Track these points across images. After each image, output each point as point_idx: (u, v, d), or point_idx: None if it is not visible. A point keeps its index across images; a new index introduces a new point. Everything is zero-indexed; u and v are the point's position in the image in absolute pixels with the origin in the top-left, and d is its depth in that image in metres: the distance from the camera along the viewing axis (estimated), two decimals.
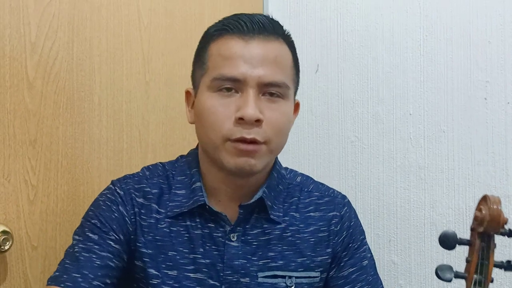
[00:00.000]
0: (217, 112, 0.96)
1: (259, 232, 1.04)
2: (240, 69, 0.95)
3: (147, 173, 1.07)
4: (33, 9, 1.11)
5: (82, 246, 0.97)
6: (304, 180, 1.14)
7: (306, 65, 1.54)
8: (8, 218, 1.08)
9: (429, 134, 1.33)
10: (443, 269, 0.72)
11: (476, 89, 1.27)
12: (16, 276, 1.09)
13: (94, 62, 1.22)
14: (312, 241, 1.07)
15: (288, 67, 1.02)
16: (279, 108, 0.98)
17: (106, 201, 1.02)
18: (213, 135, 0.96)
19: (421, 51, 1.35)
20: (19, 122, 1.09)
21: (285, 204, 1.07)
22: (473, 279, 0.72)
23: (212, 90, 0.97)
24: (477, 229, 0.73)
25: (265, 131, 0.96)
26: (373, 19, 1.43)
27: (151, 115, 1.34)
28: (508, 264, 0.73)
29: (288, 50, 1.03)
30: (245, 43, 0.97)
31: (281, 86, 0.98)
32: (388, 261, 1.40)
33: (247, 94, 0.95)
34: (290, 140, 1.57)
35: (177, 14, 1.39)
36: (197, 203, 1.01)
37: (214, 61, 0.99)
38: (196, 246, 1.01)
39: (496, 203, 0.70)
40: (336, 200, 1.12)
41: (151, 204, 1.03)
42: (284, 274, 1.03)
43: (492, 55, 1.25)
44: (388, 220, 1.40)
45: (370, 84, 1.43)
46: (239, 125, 0.95)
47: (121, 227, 1.00)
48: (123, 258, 0.99)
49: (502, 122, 1.23)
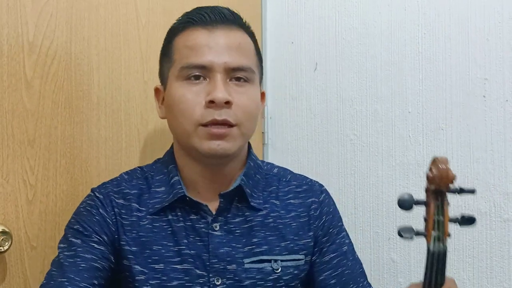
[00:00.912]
0: (187, 100, 1.00)
1: (241, 221, 1.06)
2: (207, 57, 1.00)
3: (126, 177, 1.10)
4: (30, 8, 1.11)
5: (66, 253, 0.99)
6: (282, 171, 1.17)
7: (305, 63, 1.54)
8: (7, 218, 1.08)
9: (428, 132, 1.33)
10: (404, 229, 0.78)
11: (475, 86, 1.27)
12: (15, 276, 1.09)
13: (92, 62, 1.22)
14: (294, 225, 1.09)
15: (252, 54, 1.07)
16: (247, 92, 1.03)
17: (86, 207, 1.05)
18: (185, 122, 1.00)
19: (419, 49, 1.35)
20: (17, 122, 1.09)
21: (265, 193, 1.10)
22: (432, 235, 0.78)
23: (181, 79, 1.02)
24: (430, 188, 0.80)
25: (236, 114, 1.00)
26: (371, 17, 1.43)
27: (150, 114, 1.33)
28: (463, 218, 0.80)
29: (250, 40, 1.08)
30: (209, 32, 1.02)
31: (247, 70, 1.03)
32: (388, 259, 1.40)
33: (215, 79, 1.00)
34: (289, 138, 1.57)
35: (175, 13, 1.39)
36: (177, 195, 1.03)
37: (180, 52, 1.03)
38: (179, 238, 1.03)
39: (444, 162, 0.77)
40: (314, 187, 1.16)
41: (131, 204, 1.05)
42: (269, 258, 1.06)
43: (491, 53, 1.25)
44: (387, 218, 1.40)
45: (368, 82, 1.43)
46: (210, 109, 0.99)
47: (103, 228, 1.02)
48: (109, 259, 1.01)
49: (500, 119, 1.23)
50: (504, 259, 1.23)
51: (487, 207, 1.24)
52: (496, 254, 1.24)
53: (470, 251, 1.27)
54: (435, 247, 0.78)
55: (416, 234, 0.79)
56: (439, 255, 0.78)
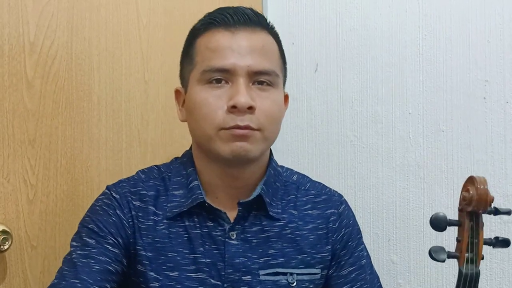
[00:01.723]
0: (209, 104, 0.96)
1: (258, 230, 1.03)
2: (229, 60, 0.96)
3: (143, 176, 1.07)
4: (32, 8, 1.11)
5: (79, 252, 0.96)
6: (301, 178, 1.14)
7: (305, 64, 1.54)
8: (8, 217, 1.08)
9: (428, 134, 1.34)
10: (436, 250, 0.75)
11: (475, 88, 1.27)
12: (15, 276, 1.09)
13: (93, 62, 1.22)
14: (312, 238, 1.07)
15: (276, 56, 1.03)
16: (270, 96, 0.99)
17: (103, 206, 1.01)
18: (207, 126, 0.97)
19: (420, 50, 1.35)
20: (18, 122, 1.09)
21: (283, 201, 1.07)
22: (465, 257, 0.75)
23: (202, 83, 0.98)
24: (465, 209, 0.76)
25: (258, 119, 0.96)
26: (372, 18, 1.43)
27: (150, 115, 1.33)
28: (497, 240, 0.77)
29: (274, 41, 1.04)
30: (231, 34, 0.98)
31: (271, 74, 0.99)
32: (387, 260, 1.40)
33: (237, 83, 0.96)
34: (290, 139, 1.57)
35: (176, 13, 1.39)
36: (196, 201, 1.00)
37: (202, 55, 1.00)
38: (196, 246, 1.00)
39: (482, 183, 0.74)
40: (334, 198, 1.12)
41: (148, 207, 1.02)
42: (285, 271, 1.03)
43: (491, 54, 1.25)
44: (387, 219, 1.40)
45: (369, 83, 1.43)
46: (232, 114, 0.95)
47: (119, 230, 0.99)
48: (122, 263, 0.98)
49: (501, 121, 1.24)
50: (504, 261, 1.23)
51: None
52: (496, 256, 1.24)
53: None
54: (468, 269, 0.75)
55: (448, 256, 0.75)
56: (472, 278, 0.75)
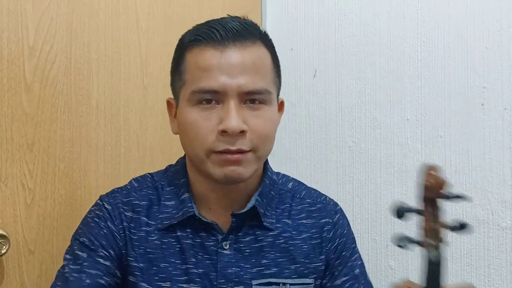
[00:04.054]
0: (199, 126, 0.94)
1: (252, 239, 1.03)
2: (219, 80, 0.93)
3: (136, 185, 1.06)
4: (31, 13, 1.11)
5: (71, 267, 0.97)
6: (296, 186, 1.13)
7: (304, 70, 1.55)
8: (5, 222, 1.08)
9: (426, 139, 1.34)
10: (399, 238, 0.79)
11: (473, 94, 1.27)
12: (12, 280, 1.09)
13: (92, 66, 1.22)
14: (305, 248, 1.06)
15: (268, 70, 0.99)
16: (263, 115, 0.96)
17: (94, 218, 1.01)
18: (197, 148, 0.95)
19: (418, 57, 1.35)
20: (16, 126, 1.09)
21: (277, 211, 1.07)
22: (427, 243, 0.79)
23: (192, 104, 0.96)
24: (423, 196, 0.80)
25: (251, 140, 0.95)
26: (370, 24, 1.43)
27: (149, 119, 1.34)
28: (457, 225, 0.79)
29: (266, 52, 1.00)
30: (220, 53, 0.94)
31: (263, 93, 0.96)
32: (386, 266, 1.40)
33: (228, 105, 0.93)
34: (288, 144, 1.57)
35: (175, 18, 1.40)
36: (187, 214, 1.00)
37: (191, 73, 0.97)
38: (187, 256, 1.00)
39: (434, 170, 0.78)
40: (328, 207, 1.11)
41: (140, 217, 1.02)
42: (278, 281, 1.03)
43: (489, 61, 1.25)
44: (385, 225, 1.40)
45: (367, 89, 1.43)
46: (223, 137, 0.93)
47: (110, 242, 0.99)
48: (115, 275, 0.98)
49: (499, 127, 1.24)
50: (502, 267, 1.23)
51: (485, 215, 1.25)
52: (494, 262, 1.24)
53: (468, 259, 1.27)
54: (431, 254, 0.78)
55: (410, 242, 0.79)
56: (436, 262, 0.78)
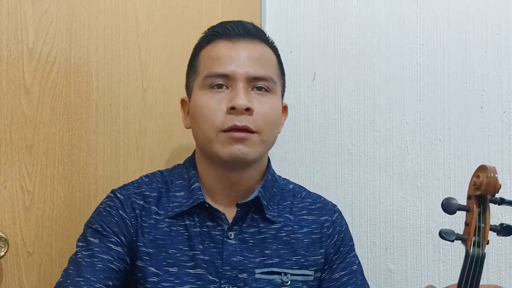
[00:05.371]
0: (210, 107, 1.04)
1: (255, 231, 1.09)
2: (229, 67, 1.04)
3: (146, 180, 1.12)
4: (30, 15, 1.11)
5: (84, 253, 1.01)
6: (297, 188, 1.20)
7: (303, 73, 1.55)
8: (4, 224, 1.08)
9: (426, 143, 1.34)
10: (447, 232, 0.81)
11: (472, 97, 1.27)
12: (11, 283, 1.09)
13: (91, 68, 1.22)
14: (306, 241, 1.12)
15: (273, 65, 1.10)
16: (268, 101, 1.06)
17: (106, 208, 1.07)
18: (207, 128, 1.03)
19: (417, 60, 1.36)
20: (15, 128, 1.09)
21: (280, 206, 1.13)
22: (471, 240, 0.80)
23: (204, 88, 1.05)
24: (474, 194, 0.83)
25: (256, 121, 1.03)
26: (370, 27, 1.43)
27: (148, 122, 1.34)
28: (501, 227, 0.82)
29: (272, 53, 1.12)
30: (232, 44, 1.07)
31: (268, 80, 1.07)
32: (385, 269, 1.39)
33: (237, 88, 1.03)
34: (287, 147, 1.57)
35: (175, 21, 1.40)
36: (197, 201, 1.06)
37: (204, 63, 1.08)
38: (195, 243, 1.05)
39: (493, 171, 0.81)
40: (327, 206, 1.18)
41: (150, 207, 1.07)
42: (280, 270, 1.08)
43: (488, 64, 1.25)
44: (384, 228, 1.40)
45: (366, 92, 1.43)
46: (231, 115, 1.02)
47: (122, 229, 1.04)
48: (125, 261, 1.03)
49: (498, 130, 1.24)
50: (501, 271, 1.23)
51: None
52: (492, 265, 1.24)
53: None
54: (474, 251, 0.80)
55: (456, 238, 0.81)
56: (477, 260, 0.80)
